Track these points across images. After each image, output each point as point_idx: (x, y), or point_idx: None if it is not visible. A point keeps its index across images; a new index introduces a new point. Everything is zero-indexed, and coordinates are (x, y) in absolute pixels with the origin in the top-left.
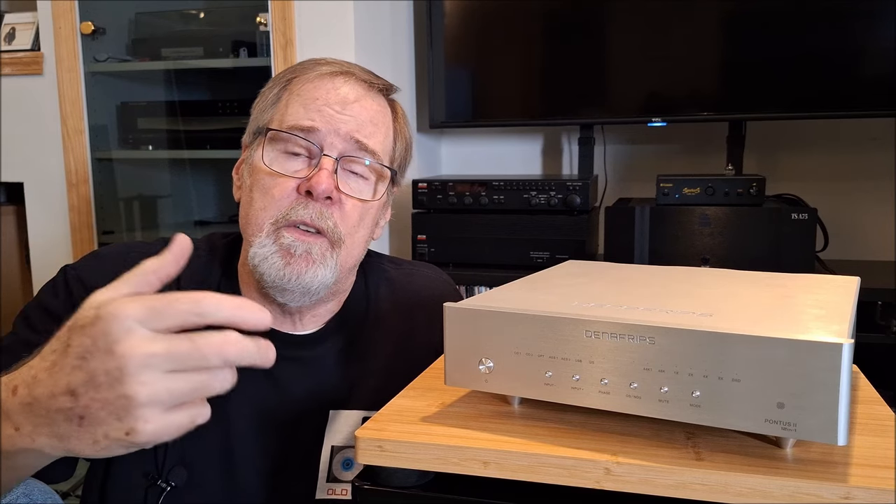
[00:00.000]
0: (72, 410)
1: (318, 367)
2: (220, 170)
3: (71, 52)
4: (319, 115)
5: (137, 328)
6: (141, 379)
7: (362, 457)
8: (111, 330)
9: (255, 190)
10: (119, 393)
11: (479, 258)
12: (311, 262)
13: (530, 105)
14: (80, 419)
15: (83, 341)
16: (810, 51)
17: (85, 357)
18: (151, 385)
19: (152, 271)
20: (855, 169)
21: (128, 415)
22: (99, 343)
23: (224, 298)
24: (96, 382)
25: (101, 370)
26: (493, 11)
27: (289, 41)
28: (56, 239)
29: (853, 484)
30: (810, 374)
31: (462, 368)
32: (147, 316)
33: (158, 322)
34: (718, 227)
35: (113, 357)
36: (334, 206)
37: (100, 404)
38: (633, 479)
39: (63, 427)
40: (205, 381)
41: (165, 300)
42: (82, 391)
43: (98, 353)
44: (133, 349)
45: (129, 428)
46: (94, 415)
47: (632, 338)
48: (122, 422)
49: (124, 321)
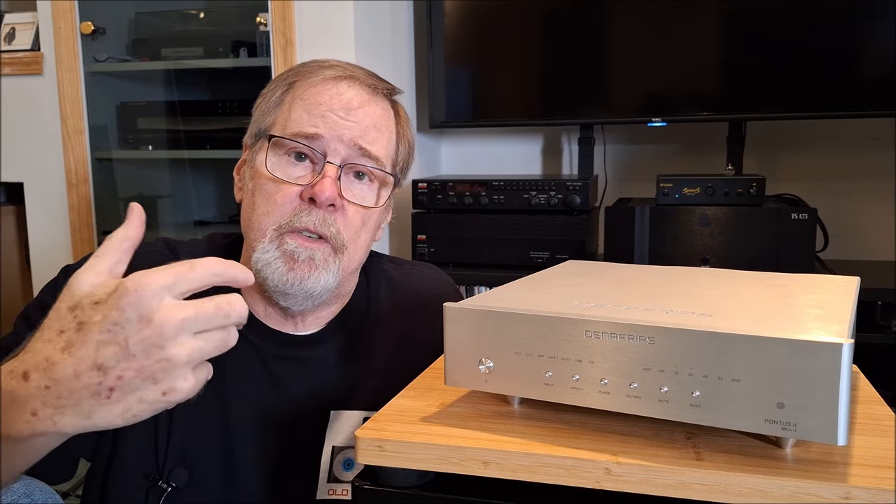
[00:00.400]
0: (100, 384)
1: (318, 367)
2: (220, 170)
3: (71, 52)
4: (323, 121)
5: (166, 296)
6: (179, 341)
7: (362, 457)
8: (142, 301)
9: (257, 195)
10: (158, 357)
11: (479, 258)
12: (313, 267)
13: (530, 105)
14: (110, 391)
15: (109, 315)
16: (810, 51)
17: (112, 330)
18: (188, 346)
19: (122, 239)
20: (855, 169)
21: (167, 376)
22: (130, 314)
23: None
24: (129, 352)
25: (136, 340)
26: (493, 11)
27: (289, 41)
28: (56, 239)
29: (853, 484)
30: (810, 374)
31: (462, 368)
32: (174, 282)
33: (180, 288)
34: (718, 227)
35: (150, 325)
36: (337, 213)
37: (134, 372)
38: (633, 479)
39: (89, 403)
40: (223, 337)
41: (186, 266)
42: (112, 363)
43: (130, 325)
44: (169, 315)
45: (168, 388)
46: (126, 383)
47: (632, 338)
48: (158, 384)
49: (154, 291)
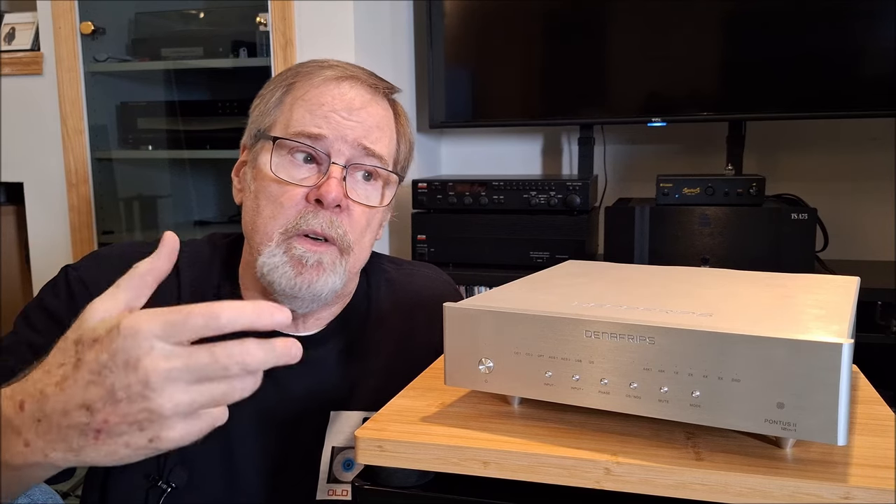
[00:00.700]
0: (87, 426)
1: (319, 367)
2: (220, 170)
3: (71, 52)
4: (326, 121)
5: (157, 343)
6: (165, 392)
7: (362, 457)
8: (131, 346)
9: (261, 197)
10: (142, 407)
11: (479, 258)
12: (322, 271)
13: (530, 105)
14: (97, 433)
15: (99, 357)
16: (810, 51)
17: (101, 373)
18: (175, 397)
19: (147, 272)
20: (855, 169)
21: (152, 425)
22: (118, 360)
23: (242, 308)
24: (116, 398)
25: (122, 385)
26: (493, 11)
27: (289, 41)
28: (56, 239)
29: (853, 484)
30: (810, 374)
31: (462, 368)
32: (166, 331)
33: (177, 336)
34: (718, 227)
35: (135, 373)
36: (343, 214)
37: (119, 418)
38: (633, 479)
39: (78, 441)
40: (225, 391)
41: (182, 314)
42: (99, 406)
43: (118, 370)
44: (155, 365)
45: (154, 436)
46: (112, 428)
47: (632, 338)
48: (144, 431)
49: (144, 337)
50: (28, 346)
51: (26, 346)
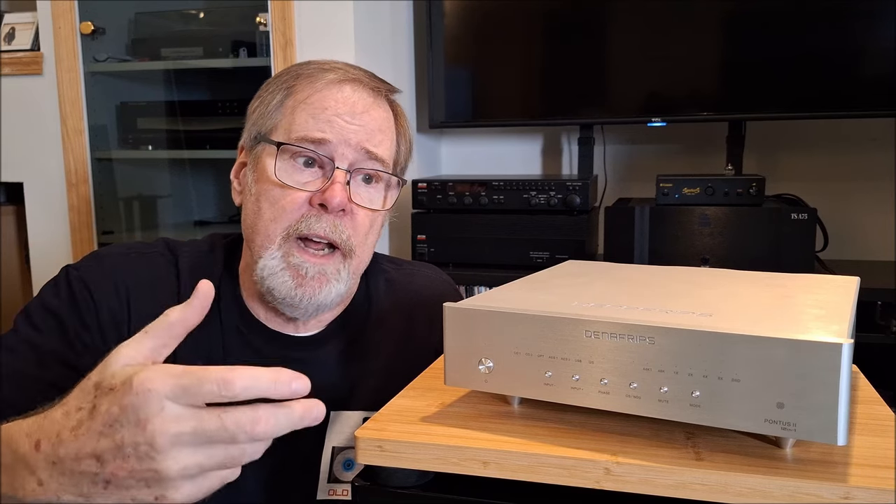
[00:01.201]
0: (97, 475)
1: (319, 367)
2: (220, 170)
3: (71, 52)
4: (329, 125)
5: (168, 405)
6: (171, 455)
7: (362, 457)
8: (142, 405)
9: (263, 200)
10: (148, 467)
11: (479, 258)
12: (325, 281)
13: (530, 105)
14: (106, 483)
15: (112, 410)
16: (810, 51)
17: (112, 426)
18: (182, 460)
19: (177, 322)
20: (855, 169)
21: (158, 485)
22: (129, 416)
23: (258, 376)
24: (124, 453)
25: (130, 442)
26: (493, 11)
27: (289, 41)
28: (56, 239)
29: (853, 484)
30: (810, 374)
31: (462, 368)
32: (176, 394)
33: (188, 400)
34: (718, 227)
35: (143, 433)
36: (346, 217)
37: (126, 473)
38: (633, 479)
39: (88, 488)
40: (234, 455)
41: (196, 378)
42: (109, 458)
43: (128, 426)
44: (164, 427)
45: (160, 494)
46: (120, 482)
47: (632, 338)
48: (151, 488)
49: (155, 398)
50: (29, 346)
51: (27, 346)
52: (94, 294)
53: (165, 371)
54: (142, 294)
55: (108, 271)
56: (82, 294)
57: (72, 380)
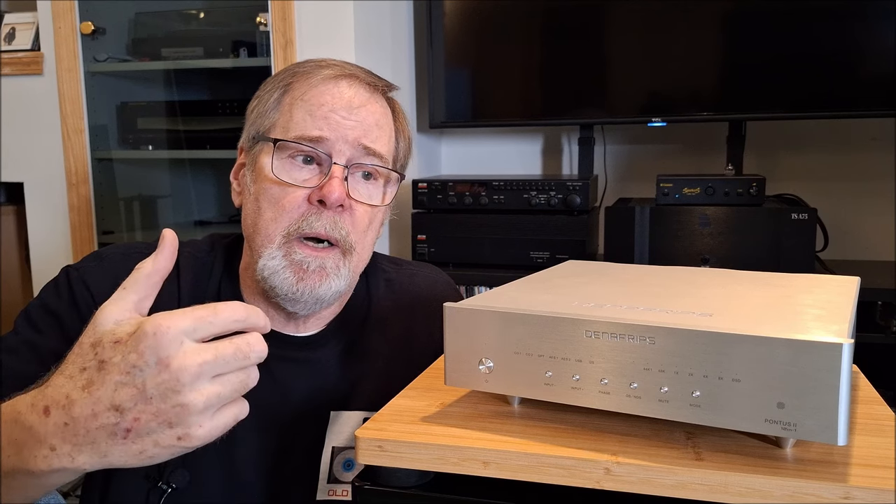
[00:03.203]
0: (117, 426)
1: (319, 368)
2: (220, 170)
3: (71, 52)
4: (326, 122)
5: (186, 340)
6: (195, 387)
7: (362, 457)
8: (161, 345)
9: (262, 200)
10: (174, 402)
11: (479, 258)
12: (325, 275)
13: (530, 105)
14: (126, 432)
15: (128, 358)
16: (810, 51)
17: (130, 373)
18: (205, 391)
19: (152, 272)
20: (855, 169)
21: (182, 422)
22: (148, 358)
23: (248, 307)
24: (146, 396)
25: (153, 384)
26: (493, 11)
27: (289, 41)
28: (56, 239)
29: (853, 484)
30: (810, 374)
31: (462, 368)
32: (195, 327)
33: (204, 332)
34: (718, 227)
35: (168, 370)
36: (346, 214)
37: (150, 416)
38: (633, 479)
39: (105, 443)
40: (243, 380)
41: (208, 311)
42: (129, 406)
43: (148, 369)
44: (186, 360)
45: (183, 433)
46: (143, 426)
47: (632, 338)
48: (174, 428)
49: (175, 335)
50: (30, 346)
51: (28, 346)
52: (95, 294)
53: (179, 311)
54: None
55: (109, 272)
56: (82, 294)
57: None
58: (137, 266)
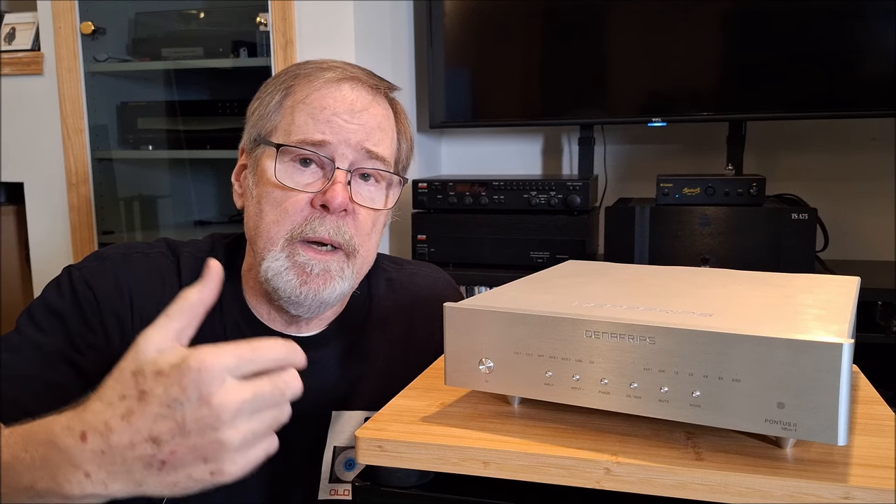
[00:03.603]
0: (153, 457)
1: (320, 368)
2: (220, 170)
3: (71, 52)
4: (329, 126)
5: (228, 378)
6: (234, 424)
7: (363, 457)
8: (205, 380)
9: (264, 203)
10: (212, 438)
11: (479, 258)
12: (329, 278)
13: (530, 105)
14: (162, 464)
15: (170, 391)
16: (810, 51)
17: (171, 406)
18: (242, 429)
19: (199, 302)
20: (855, 169)
21: (217, 458)
22: (190, 393)
23: (288, 344)
24: (185, 430)
25: (192, 418)
26: (493, 11)
27: (289, 41)
28: (56, 239)
29: (853, 484)
30: (810, 374)
31: (462, 368)
32: (237, 364)
33: (246, 369)
34: (718, 227)
35: (209, 406)
36: (349, 217)
37: (186, 450)
38: (633, 479)
39: (140, 473)
40: (277, 416)
41: (251, 349)
42: (167, 438)
43: (188, 404)
44: (227, 398)
45: (216, 469)
46: (178, 460)
47: (632, 338)
48: (208, 464)
49: (219, 373)
50: (33, 346)
51: (31, 346)
52: (97, 294)
53: (222, 348)
54: (144, 294)
55: (111, 271)
56: (85, 294)
57: (75, 379)
58: (183, 294)
